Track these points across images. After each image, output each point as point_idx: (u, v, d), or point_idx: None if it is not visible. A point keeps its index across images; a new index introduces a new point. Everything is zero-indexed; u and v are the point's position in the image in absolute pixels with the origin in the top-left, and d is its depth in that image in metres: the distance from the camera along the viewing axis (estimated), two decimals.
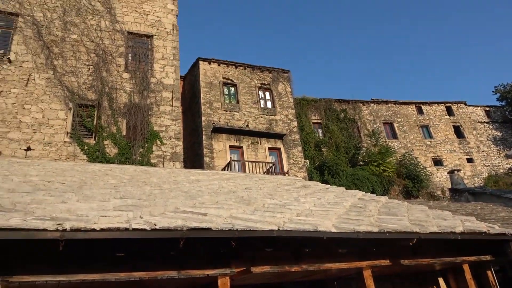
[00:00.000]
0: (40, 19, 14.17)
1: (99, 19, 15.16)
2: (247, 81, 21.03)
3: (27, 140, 12.38)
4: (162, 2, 16.77)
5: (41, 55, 13.62)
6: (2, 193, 3.63)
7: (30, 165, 7.49)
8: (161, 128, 14.45)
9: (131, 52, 15.37)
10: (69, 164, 8.73)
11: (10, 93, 12.75)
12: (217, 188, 6.43)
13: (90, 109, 13.67)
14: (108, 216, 3.17)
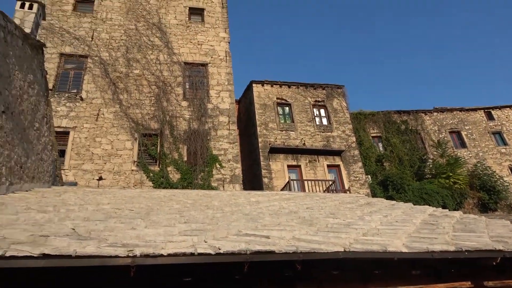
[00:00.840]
0: (106, 58, 15.42)
1: (158, 53, 16.14)
2: (301, 100, 21.00)
3: (99, 171, 13.30)
4: (214, 31, 17.49)
5: (108, 91, 14.75)
6: (78, 222, 3.90)
7: (102, 194, 7.99)
8: (219, 151, 14.80)
9: (188, 81, 16.11)
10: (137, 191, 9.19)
11: (83, 128, 13.88)
12: (278, 209, 6.38)
13: (154, 137, 14.43)
14: (174, 241, 3.26)
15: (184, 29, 17.20)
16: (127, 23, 16.58)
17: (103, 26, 16.23)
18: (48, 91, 9.11)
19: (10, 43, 6.65)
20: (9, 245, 2.82)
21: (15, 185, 7.31)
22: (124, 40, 16.09)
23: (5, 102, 6.57)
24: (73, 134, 13.69)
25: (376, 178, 21.92)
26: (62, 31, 15.53)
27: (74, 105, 14.18)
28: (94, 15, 16.41)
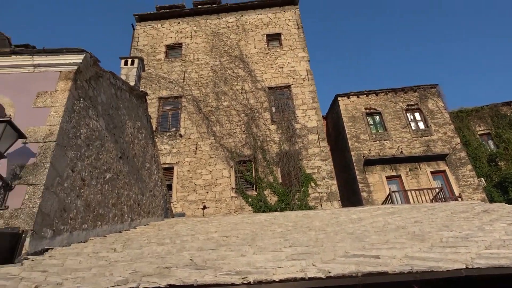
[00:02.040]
0: (198, 96, 16.67)
1: (243, 83, 16.95)
2: (391, 106, 20.03)
3: (202, 200, 14.20)
4: (293, 52, 17.81)
5: (203, 125, 15.84)
6: (194, 252, 4.22)
7: (208, 222, 8.52)
8: (313, 170, 14.75)
9: (274, 104, 16.54)
10: (239, 217, 9.59)
11: (185, 162, 15.05)
12: (383, 225, 6.10)
13: (248, 163, 14.99)
14: (283, 266, 3.33)
15: (264, 56, 17.85)
16: (212, 60, 17.81)
17: (192, 66, 17.66)
18: (153, 134, 10.15)
19: (120, 97, 7.63)
20: (140, 277, 3.17)
21: (135, 221, 8.19)
22: (211, 76, 17.27)
23: (121, 149, 7.48)
24: (177, 169, 14.91)
25: (491, 181, 19.59)
26: (158, 77, 17.29)
27: (175, 142, 15.51)
28: (183, 58, 17.98)
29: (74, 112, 5.68)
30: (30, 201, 4.66)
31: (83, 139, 5.95)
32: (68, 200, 5.42)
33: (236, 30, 18.88)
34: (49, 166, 4.93)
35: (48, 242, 4.88)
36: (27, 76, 5.76)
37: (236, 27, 18.99)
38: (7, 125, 4.53)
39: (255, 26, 18.98)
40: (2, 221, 4.54)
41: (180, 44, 18.63)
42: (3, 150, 4.54)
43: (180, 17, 19.59)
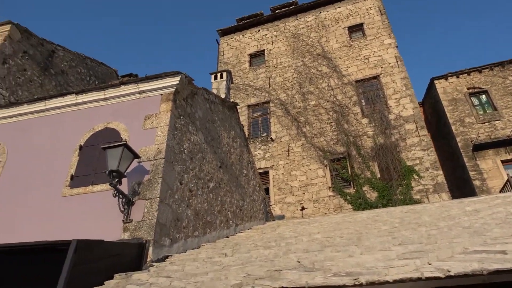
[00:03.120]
0: (284, 99, 16.86)
1: (328, 79, 16.67)
2: (499, 82, 17.81)
3: (300, 201, 14.27)
4: (378, 40, 16.99)
5: (293, 127, 15.96)
6: (300, 254, 4.28)
7: (309, 223, 8.54)
8: (414, 161, 13.82)
9: (363, 98, 15.94)
10: (339, 216, 9.42)
11: (279, 165, 15.31)
12: (505, 216, 5.45)
13: (342, 161, 14.66)
14: (395, 266, 3.19)
15: (348, 49, 17.34)
16: (295, 61, 17.88)
17: (276, 71, 17.95)
18: (247, 141, 10.55)
19: (214, 110, 8.10)
20: (253, 280, 3.33)
21: (239, 226, 8.57)
22: (296, 77, 17.33)
23: (220, 159, 7.93)
24: (272, 172, 15.24)
25: None
26: (245, 86, 17.94)
27: (267, 147, 15.89)
28: (267, 64, 18.38)
29: (176, 130, 6.20)
30: (149, 214, 5.21)
31: (186, 153, 6.45)
32: (180, 210, 5.92)
33: (315, 28, 18.69)
34: (161, 181, 5.45)
35: (167, 250, 5.39)
36: (135, 102, 6.47)
37: (315, 25, 18.80)
38: (124, 148, 5.14)
39: (335, 21, 18.56)
40: (128, 233, 5.15)
41: (262, 51, 19.07)
42: (123, 170, 5.15)
43: (260, 25, 20.08)
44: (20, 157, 6.60)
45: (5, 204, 6.07)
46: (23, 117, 7.08)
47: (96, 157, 5.95)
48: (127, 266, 4.57)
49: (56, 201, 5.80)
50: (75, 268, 3.61)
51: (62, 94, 6.94)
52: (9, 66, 8.94)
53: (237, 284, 3.24)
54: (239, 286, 3.21)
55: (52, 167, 6.21)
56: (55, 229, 5.42)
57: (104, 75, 12.62)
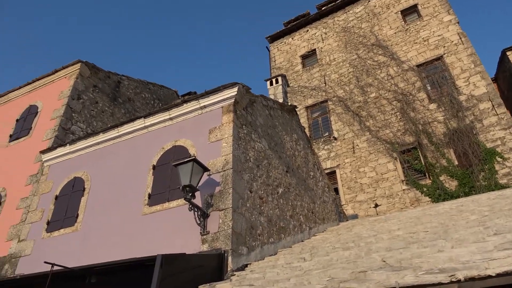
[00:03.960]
0: (343, 95, 16.43)
1: (387, 69, 15.95)
2: None
3: (372, 198, 13.71)
4: (437, 19, 15.94)
5: (355, 123, 15.46)
6: (384, 253, 4.07)
7: (386, 220, 8.15)
8: (494, 143, 12.65)
9: (427, 82, 15.00)
10: (418, 210, 8.88)
11: (345, 163, 14.89)
12: None
13: (413, 151, 13.86)
14: (495, 258, 2.90)
15: (404, 34, 16.47)
16: (348, 56, 17.38)
17: (330, 68, 17.58)
18: (310, 142, 10.41)
19: (274, 115, 8.10)
20: (338, 284, 3.21)
21: (313, 229, 8.43)
22: (352, 71, 16.82)
23: (285, 163, 7.89)
24: (339, 172, 14.86)
25: None
26: (300, 88, 17.79)
27: (331, 146, 15.55)
28: (320, 63, 18.07)
29: (240, 139, 6.28)
30: (224, 224, 5.30)
31: (252, 161, 6.50)
32: (253, 218, 5.96)
33: (366, 18, 18.04)
34: (232, 191, 5.54)
35: (246, 258, 5.44)
36: (198, 118, 6.68)
37: (365, 15, 18.15)
38: (194, 163, 5.31)
39: (386, 6, 17.77)
40: (207, 244, 5.28)
41: (314, 50, 18.81)
42: (195, 184, 5.32)
43: (308, 25, 19.86)
44: (102, 181, 7.12)
45: (94, 225, 6.56)
46: (100, 145, 7.65)
47: (168, 175, 6.22)
48: (209, 276, 4.68)
49: (137, 220, 6.15)
50: (163, 281, 3.76)
51: (132, 120, 7.39)
52: (83, 101, 9.75)
53: None
54: None
55: (131, 188, 6.61)
56: (138, 246, 5.73)
57: (166, 97, 13.28)
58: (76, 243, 6.58)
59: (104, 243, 6.26)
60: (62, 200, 7.32)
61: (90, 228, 6.62)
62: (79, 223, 6.79)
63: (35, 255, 6.86)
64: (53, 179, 7.80)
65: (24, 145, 9.18)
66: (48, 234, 7.01)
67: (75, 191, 7.26)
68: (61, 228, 6.92)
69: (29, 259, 6.90)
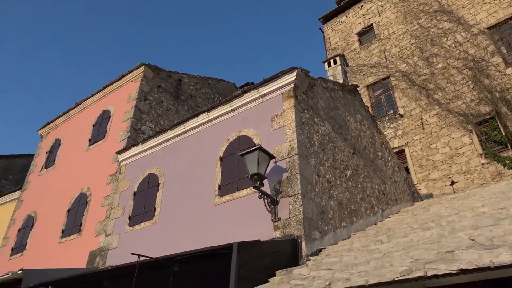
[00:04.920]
0: (406, 69, 15.51)
1: (454, 35, 14.74)
2: None
3: (447, 175, 12.87)
4: None
5: (422, 97, 14.55)
6: (470, 231, 3.79)
7: (466, 197, 7.60)
8: None
9: (502, 44, 13.62)
10: (502, 185, 8.17)
11: (414, 141, 14.11)
12: None
13: (491, 122, 12.73)
14: None
15: None
16: (409, 27, 16.32)
17: (390, 42, 16.66)
18: (374, 121, 9.99)
19: (335, 97, 7.88)
20: (423, 265, 3.05)
21: (385, 211, 8.14)
22: (414, 43, 15.79)
23: (351, 145, 7.66)
24: (408, 150, 14.13)
25: None
26: (359, 67, 17.11)
27: (397, 124, 14.81)
28: (378, 38, 17.19)
29: (303, 124, 6.20)
30: (295, 210, 5.29)
31: (317, 146, 6.40)
32: (323, 202, 5.88)
33: None
34: (299, 177, 5.50)
35: (319, 243, 5.39)
36: (259, 106, 6.71)
37: None
38: (259, 151, 5.35)
39: None
40: (279, 231, 5.32)
41: (370, 25, 17.91)
42: (263, 172, 5.36)
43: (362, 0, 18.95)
44: (173, 176, 7.47)
45: (170, 218, 6.92)
46: (169, 142, 8.01)
47: (236, 165, 6.34)
48: (284, 262, 4.71)
49: (210, 210, 6.37)
50: (241, 268, 3.85)
51: (196, 115, 7.63)
52: (149, 101, 10.27)
53: (405, 270, 3.01)
54: (409, 272, 2.97)
55: (201, 180, 6.86)
56: (212, 236, 5.93)
57: (225, 90, 13.53)
58: (155, 235, 7.00)
59: (180, 234, 6.58)
60: (140, 196, 7.81)
61: (167, 220, 7.00)
62: (157, 217, 7.20)
63: (121, 248, 7.42)
64: (130, 177, 8.35)
65: (102, 147, 9.92)
66: (131, 228, 7.53)
67: (150, 186, 7.70)
68: (141, 222, 7.39)
69: (116, 251, 7.48)
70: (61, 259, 8.41)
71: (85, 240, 8.38)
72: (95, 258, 7.78)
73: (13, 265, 9.36)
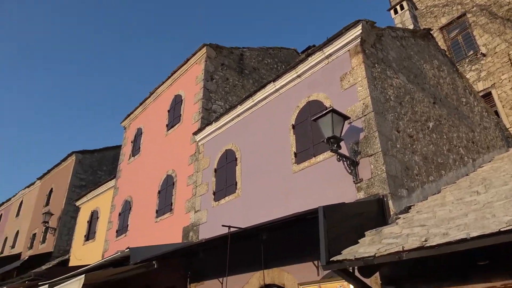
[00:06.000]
0: (484, 2, 13.81)
1: None
2: None
3: None
4: None
5: (507, 31, 12.92)
6: None
7: None
8: None
9: None
10: None
11: (501, 80, 12.70)
12: None
13: None
14: None
15: None
16: None
17: None
18: (454, 65, 9.14)
19: (406, 45, 7.32)
20: None
21: (476, 160, 7.54)
22: None
23: (430, 94, 7.12)
24: (496, 92, 12.77)
25: None
26: (429, 8, 15.61)
27: (479, 65, 13.40)
28: None
29: (375, 79, 5.88)
30: (377, 169, 5.12)
31: (393, 100, 6.05)
32: (406, 158, 5.60)
33: None
34: (378, 134, 5.27)
35: (407, 200, 5.18)
36: (326, 68, 6.49)
37: None
38: (332, 113, 5.21)
39: None
40: (362, 192, 5.20)
41: None
42: (338, 134, 5.23)
43: None
44: (249, 149, 7.64)
45: (251, 190, 7.14)
46: (240, 117, 8.16)
47: (309, 131, 6.27)
48: (372, 223, 4.61)
49: (289, 178, 6.43)
50: (329, 231, 3.86)
51: (262, 86, 7.63)
52: (216, 80, 10.50)
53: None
54: None
55: (276, 150, 6.92)
56: (294, 203, 6.00)
57: (287, 57, 13.30)
58: (239, 207, 7.29)
59: (262, 203, 6.76)
60: (220, 172, 8.15)
61: (249, 192, 7.23)
62: (238, 190, 7.47)
63: (210, 222, 7.88)
64: (209, 155, 8.72)
65: (179, 130, 10.45)
66: (216, 202, 7.93)
67: (229, 162, 7.98)
68: (225, 196, 7.74)
69: (206, 225, 7.96)
70: (158, 236, 9.20)
71: (177, 218, 9.03)
72: (188, 233, 8.37)
73: (120, 245, 10.48)
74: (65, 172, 18.02)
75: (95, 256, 11.57)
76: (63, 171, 18.27)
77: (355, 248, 3.81)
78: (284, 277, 5.73)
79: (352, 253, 3.56)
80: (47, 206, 17.82)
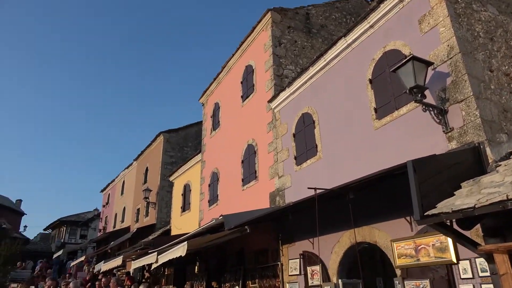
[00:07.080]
0: None
1: None
2: None
3: None
4: None
5: None
6: None
7: None
8: None
9: None
10: None
11: None
12: None
13: None
14: None
15: None
16: None
17: None
18: None
19: None
20: None
21: None
22: None
23: None
24: None
25: None
26: None
27: None
28: None
29: (459, 16, 5.31)
30: (469, 115, 4.72)
31: (483, 36, 5.44)
32: (503, 100, 5.07)
33: None
34: (467, 77, 4.83)
35: (508, 146, 4.73)
36: (400, 13, 6.01)
37: None
38: (413, 61, 4.87)
39: None
40: (454, 141, 4.86)
41: None
42: (422, 83, 4.89)
43: None
44: (326, 110, 7.52)
45: (332, 151, 7.08)
46: (313, 78, 8.01)
47: (388, 83, 5.95)
48: (468, 173, 4.31)
49: (371, 135, 6.23)
50: (421, 185, 3.71)
51: (333, 43, 7.35)
52: (284, 44, 10.35)
53: None
54: None
55: (354, 107, 6.72)
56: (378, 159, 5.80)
57: (356, 8, 12.52)
58: (322, 169, 7.30)
59: (345, 164, 6.68)
60: (299, 136, 8.18)
61: (330, 153, 7.18)
62: (319, 152, 7.46)
63: (294, 186, 8.04)
64: (286, 121, 8.78)
65: (254, 100, 10.62)
66: (298, 167, 8.03)
67: (307, 125, 7.96)
68: (307, 159, 7.79)
69: (291, 189, 8.15)
70: (246, 203, 9.66)
71: (263, 184, 9.36)
72: (275, 198, 8.66)
73: (213, 213, 11.25)
74: (156, 152, 19.59)
75: (193, 225, 12.59)
76: (154, 150, 19.88)
77: (451, 200, 3.63)
78: (375, 234, 5.69)
79: (448, 206, 3.40)
80: (145, 183, 19.66)
